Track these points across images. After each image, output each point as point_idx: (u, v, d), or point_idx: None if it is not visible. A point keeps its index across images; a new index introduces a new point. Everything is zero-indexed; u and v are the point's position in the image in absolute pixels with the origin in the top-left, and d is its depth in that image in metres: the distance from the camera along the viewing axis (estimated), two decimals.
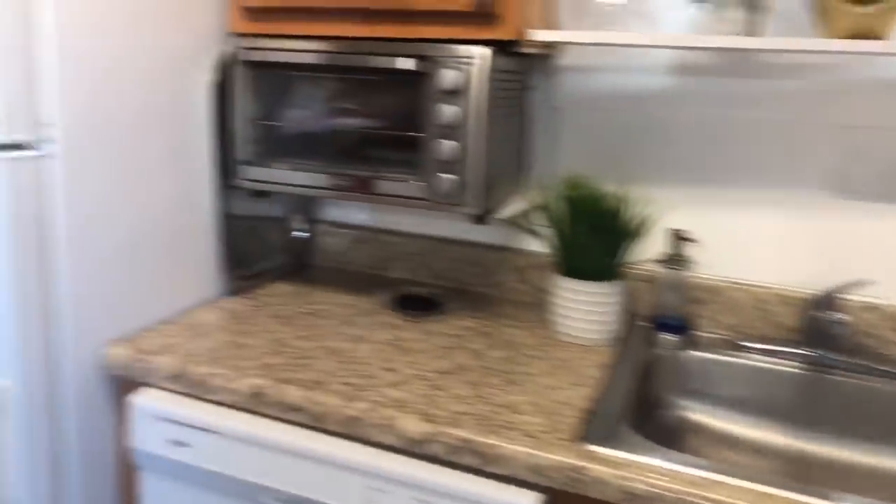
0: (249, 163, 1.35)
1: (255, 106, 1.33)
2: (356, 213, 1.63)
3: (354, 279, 1.56)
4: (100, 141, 1.13)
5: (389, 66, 1.20)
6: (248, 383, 1.06)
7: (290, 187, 1.33)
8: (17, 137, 1.03)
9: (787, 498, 0.86)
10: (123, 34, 1.15)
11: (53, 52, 1.05)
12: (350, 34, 1.26)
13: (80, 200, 1.11)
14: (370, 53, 1.23)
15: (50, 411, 1.10)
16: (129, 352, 1.14)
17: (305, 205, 1.62)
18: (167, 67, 1.24)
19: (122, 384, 1.17)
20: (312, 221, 1.63)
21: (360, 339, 1.24)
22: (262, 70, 1.32)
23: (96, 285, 1.15)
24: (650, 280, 1.41)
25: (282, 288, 1.48)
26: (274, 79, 1.32)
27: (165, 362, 1.11)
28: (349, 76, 1.26)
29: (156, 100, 1.22)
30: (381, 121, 1.25)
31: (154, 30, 1.20)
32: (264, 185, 1.34)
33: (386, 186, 1.26)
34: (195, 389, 1.09)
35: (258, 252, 1.53)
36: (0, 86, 1.00)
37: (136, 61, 1.18)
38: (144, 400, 1.10)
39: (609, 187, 1.35)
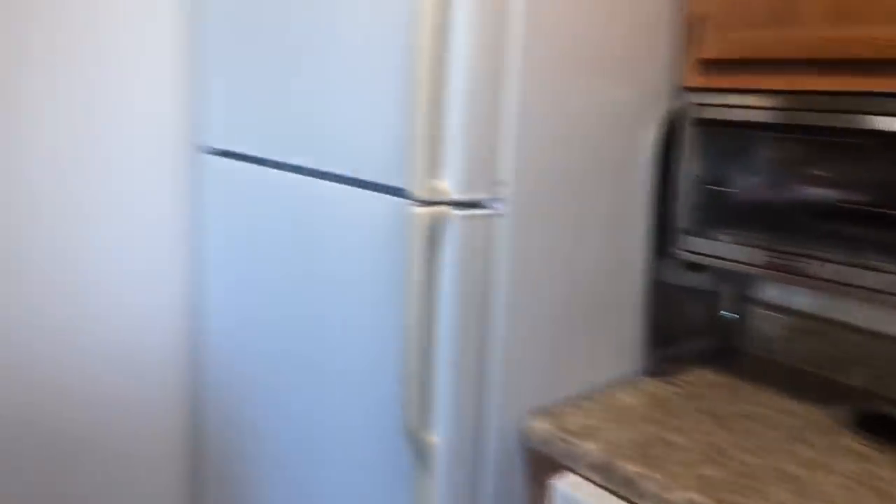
0: (689, 231, 1.21)
1: (701, 168, 1.20)
2: (799, 296, 1.37)
3: (797, 379, 1.30)
4: (544, 200, 1.09)
5: (887, 128, 0.97)
6: (684, 497, 0.90)
7: (735, 264, 1.15)
8: (476, 196, 1.03)
9: None
10: (579, 91, 1.10)
11: (515, 111, 1.03)
12: (833, 88, 1.04)
13: (521, 261, 1.07)
14: (858, 112, 1.00)
15: (471, 476, 1.07)
16: (551, 427, 1.06)
17: (738, 280, 1.41)
18: (614, 124, 1.16)
19: (538, 461, 1.10)
20: (744, 300, 1.42)
21: (817, 465, 0.99)
22: (715, 128, 1.18)
23: (525, 350, 1.10)
24: None
25: (707, 376, 1.29)
26: (727, 138, 1.17)
27: (590, 449, 1.01)
28: (821, 138, 1.05)
29: (599, 158, 1.15)
30: (864, 194, 1.02)
31: (606, 86, 1.13)
32: (705, 258, 1.19)
33: (868, 278, 1.01)
34: (622, 488, 0.97)
35: (682, 329, 1.36)
36: (471, 146, 1.00)
37: (586, 118, 1.12)
38: (567, 487, 1.00)
39: None
